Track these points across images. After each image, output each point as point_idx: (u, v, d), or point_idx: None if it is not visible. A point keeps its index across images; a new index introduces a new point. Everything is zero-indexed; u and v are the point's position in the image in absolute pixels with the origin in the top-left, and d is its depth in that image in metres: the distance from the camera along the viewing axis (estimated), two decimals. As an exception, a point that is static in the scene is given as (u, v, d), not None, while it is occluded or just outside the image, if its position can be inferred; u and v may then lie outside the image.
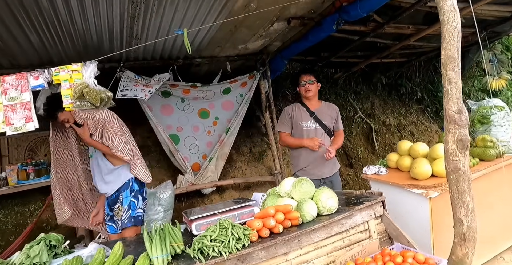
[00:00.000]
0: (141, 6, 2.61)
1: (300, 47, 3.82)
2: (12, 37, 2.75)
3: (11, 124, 1.71)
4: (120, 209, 2.60)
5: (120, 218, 2.60)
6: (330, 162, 3.08)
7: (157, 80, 3.52)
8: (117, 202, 2.64)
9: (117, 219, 2.63)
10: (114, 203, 2.67)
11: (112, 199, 2.69)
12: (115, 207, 2.65)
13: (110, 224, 2.71)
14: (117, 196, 2.66)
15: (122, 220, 2.59)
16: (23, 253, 1.74)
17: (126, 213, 2.60)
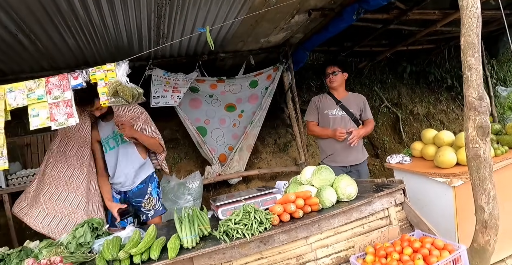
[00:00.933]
0: (166, 7, 2.75)
1: (321, 39, 3.85)
2: (51, 41, 3.00)
3: (55, 120, 1.92)
4: (151, 200, 2.77)
5: (153, 207, 2.79)
6: (356, 150, 3.15)
7: (185, 81, 3.68)
8: (146, 194, 2.76)
9: (149, 209, 2.79)
10: (137, 196, 2.76)
11: (134, 192, 2.77)
12: (143, 199, 2.75)
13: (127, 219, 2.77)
14: (142, 188, 2.77)
15: (156, 208, 2.79)
16: (70, 234, 1.97)
17: (158, 202, 2.81)
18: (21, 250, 2.02)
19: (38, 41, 2.95)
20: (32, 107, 1.95)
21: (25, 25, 2.59)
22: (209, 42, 2.21)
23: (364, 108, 3.29)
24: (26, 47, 3.01)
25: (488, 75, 5.98)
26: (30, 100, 1.95)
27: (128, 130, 2.57)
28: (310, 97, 5.28)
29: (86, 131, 2.73)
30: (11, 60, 3.26)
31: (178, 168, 4.30)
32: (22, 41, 2.87)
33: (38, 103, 1.95)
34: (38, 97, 1.95)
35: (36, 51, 3.14)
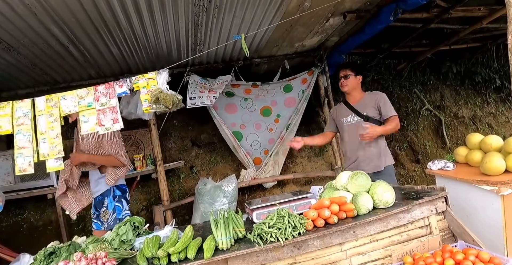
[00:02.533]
0: (203, 16, 2.86)
1: (357, 41, 3.78)
2: (98, 51, 3.22)
3: (103, 125, 2.07)
4: (106, 213, 2.90)
5: (106, 221, 2.89)
6: (374, 157, 2.91)
7: (220, 83, 3.78)
8: (102, 206, 2.91)
9: (104, 221, 2.91)
10: (100, 205, 2.92)
11: (98, 201, 2.95)
12: (101, 210, 2.91)
13: (96, 221, 2.97)
14: (100, 200, 2.92)
15: (108, 222, 2.88)
16: (114, 231, 2.09)
17: (111, 216, 2.90)
18: (70, 244, 2.17)
19: (87, 52, 3.19)
20: (83, 113, 2.12)
21: (75, 37, 2.82)
22: (244, 49, 2.27)
23: (382, 107, 2.92)
24: (76, 57, 3.26)
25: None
26: (81, 107, 2.12)
27: (74, 159, 2.74)
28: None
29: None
30: (62, 70, 3.55)
31: (214, 171, 4.41)
32: (72, 52, 3.12)
33: (88, 110, 2.11)
34: (88, 104, 2.11)
35: (85, 61, 3.39)
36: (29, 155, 2.11)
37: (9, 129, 2.21)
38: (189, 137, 4.54)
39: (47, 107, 2.20)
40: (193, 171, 4.41)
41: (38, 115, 2.22)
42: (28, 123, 2.19)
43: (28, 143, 2.16)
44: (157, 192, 4.11)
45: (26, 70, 3.37)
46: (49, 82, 3.81)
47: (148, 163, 3.97)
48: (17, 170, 2.16)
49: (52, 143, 2.13)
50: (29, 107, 2.22)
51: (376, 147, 2.93)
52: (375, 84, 5.40)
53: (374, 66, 5.36)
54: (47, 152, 2.15)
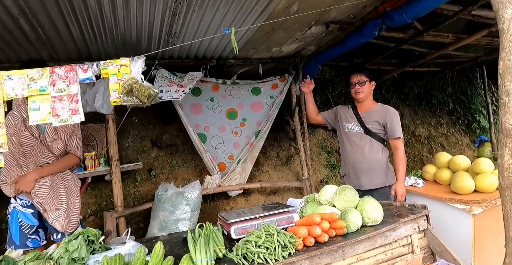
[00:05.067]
0: (184, 4, 2.60)
1: (336, 52, 3.74)
2: (54, 30, 2.77)
3: (58, 116, 1.71)
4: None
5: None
6: (372, 172, 2.77)
7: (190, 79, 3.51)
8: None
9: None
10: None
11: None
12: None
13: (33, 237, 2.47)
14: None
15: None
16: (62, 246, 1.72)
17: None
18: (2, 260, 1.76)
19: (40, 29, 2.73)
20: (33, 99, 1.73)
21: (28, 9, 2.38)
22: (233, 45, 2.05)
23: (390, 125, 2.74)
24: (27, 33, 2.78)
25: (489, 102, 6.02)
26: (31, 91, 1.73)
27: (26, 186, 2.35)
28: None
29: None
30: (8, 47, 3.02)
31: (175, 175, 4.06)
32: (22, 26, 2.64)
33: (40, 95, 1.73)
34: (41, 88, 1.74)
35: (37, 39, 2.92)
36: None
37: None
38: (149, 137, 4.15)
39: (-15, 88, 1.78)
40: (151, 174, 4.02)
41: (-28, 97, 1.78)
42: (-40, 106, 1.74)
43: (-43, 131, 1.71)
44: (109, 196, 3.65)
45: (-41, 42, 2.82)
46: (-13, 59, 3.24)
47: (101, 163, 3.51)
48: None
49: (-11, 133, 1.71)
50: (-39, 86, 1.77)
51: (378, 162, 2.79)
52: (342, 98, 5.46)
53: (343, 80, 5.42)
54: (-20, 144, 1.72)
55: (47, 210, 2.40)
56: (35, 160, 2.39)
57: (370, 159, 2.78)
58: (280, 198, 4.35)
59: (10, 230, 2.45)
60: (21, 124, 2.37)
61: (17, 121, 2.39)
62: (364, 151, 2.80)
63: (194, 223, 3.19)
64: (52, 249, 1.82)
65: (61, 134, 2.46)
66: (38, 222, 2.46)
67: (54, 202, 2.41)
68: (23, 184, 2.31)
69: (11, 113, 2.42)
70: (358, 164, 2.82)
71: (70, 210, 2.48)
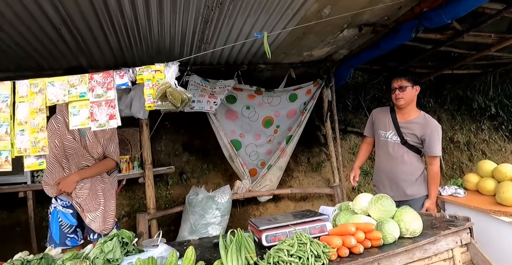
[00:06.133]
0: (216, 11, 2.63)
1: (370, 56, 3.64)
2: (93, 38, 2.91)
3: (96, 121, 1.76)
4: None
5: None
6: (407, 183, 2.64)
7: (222, 87, 3.53)
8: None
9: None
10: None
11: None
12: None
13: (72, 236, 2.57)
14: None
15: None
16: (97, 247, 1.77)
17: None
18: (42, 257, 1.84)
19: (80, 38, 2.87)
20: (73, 104, 1.80)
21: (69, 19, 2.51)
22: (266, 49, 2.04)
23: (430, 140, 2.56)
24: (68, 42, 2.93)
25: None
26: (72, 97, 1.81)
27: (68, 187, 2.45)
28: (345, 117, 5.06)
29: None
30: (50, 55, 3.20)
31: (205, 179, 4.10)
32: (64, 36, 2.79)
33: (79, 101, 1.80)
34: (80, 94, 1.81)
35: (77, 47, 3.07)
36: (7, 148, 1.77)
37: (-19, 116, 1.87)
38: (181, 141, 4.23)
39: (30, 94, 1.87)
40: (182, 178, 4.09)
41: (18, 102, 1.88)
42: (7, 111, 1.84)
43: (5, 135, 1.81)
44: (142, 198, 3.76)
45: (8, 50, 2.99)
46: (33, 67, 3.44)
47: (135, 166, 3.62)
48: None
49: (34, 137, 1.80)
50: (8, 92, 1.88)
51: (414, 174, 2.66)
52: (374, 102, 5.30)
53: (375, 84, 5.26)
54: (25, 147, 1.81)
55: (85, 210, 2.50)
56: (77, 163, 2.49)
57: (406, 170, 2.65)
58: (310, 205, 4.26)
59: (50, 229, 2.56)
60: (64, 128, 2.48)
61: (60, 125, 2.50)
62: (399, 161, 2.66)
63: (223, 227, 3.20)
64: (88, 249, 1.88)
65: (100, 139, 2.56)
66: (76, 222, 2.56)
67: (92, 203, 2.49)
68: (65, 185, 2.41)
69: (54, 117, 2.54)
70: (392, 174, 2.69)
71: (106, 212, 2.56)
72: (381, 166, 2.78)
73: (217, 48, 3.18)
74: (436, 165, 2.64)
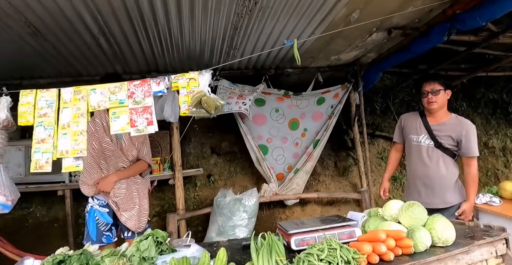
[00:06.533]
0: (245, 18, 2.69)
1: (399, 59, 3.58)
2: (128, 46, 3.05)
3: (135, 126, 1.87)
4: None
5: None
6: (442, 190, 2.57)
7: (251, 90, 3.59)
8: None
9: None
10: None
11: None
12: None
13: (107, 234, 2.70)
14: None
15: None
16: (134, 245, 1.86)
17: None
18: (82, 253, 1.95)
19: (117, 45, 3.01)
20: (113, 110, 1.92)
21: (107, 28, 2.64)
22: (295, 56, 2.07)
23: (466, 141, 2.50)
24: (105, 50, 3.09)
25: None
26: (112, 103, 1.92)
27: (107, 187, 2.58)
28: (373, 121, 4.98)
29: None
30: (88, 62, 3.38)
31: (232, 182, 4.18)
32: (102, 44, 2.95)
33: (119, 107, 1.91)
34: (120, 101, 1.92)
35: (113, 55, 3.23)
36: (49, 151, 1.91)
37: (30, 121, 2.01)
38: (209, 144, 4.34)
39: (74, 100, 2.00)
40: (210, 180, 4.19)
41: (62, 108, 2.02)
42: (52, 116, 1.98)
43: (48, 137, 1.95)
44: (171, 199, 3.88)
45: (50, 59, 3.20)
46: (72, 74, 3.64)
47: (165, 167, 3.75)
48: (33, 166, 1.94)
49: (75, 140, 1.92)
50: (54, 98, 2.02)
51: (449, 179, 2.58)
52: (403, 106, 5.18)
53: (405, 87, 5.15)
54: (66, 149, 1.94)
55: (121, 209, 2.62)
56: (114, 164, 2.63)
57: (440, 176, 2.58)
58: (337, 210, 4.24)
59: (87, 226, 2.70)
60: (102, 131, 2.63)
61: (99, 128, 2.65)
62: (434, 166, 2.59)
63: (250, 230, 3.25)
64: (124, 247, 1.97)
65: (134, 142, 2.68)
66: (112, 220, 2.69)
67: (128, 202, 2.62)
68: (104, 185, 2.55)
69: (92, 121, 2.67)
70: (427, 180, 2.62)
71: (141, 211, 2.68)
72: (415, 172, 2.70)
73: (249, 56, 3.22)
74: (474, 166, 2.58)
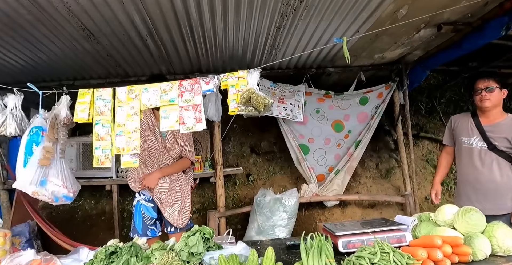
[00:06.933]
0: (290, 17, 2.67)
1: (450, 56, 3.40)
2: (174, 47, 3.15)
3: (184, 124, 1.93)
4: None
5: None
6: (497, 195, 2.41)
7: (291, 92, 3.57)
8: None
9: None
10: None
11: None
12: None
13: (152, 228, 2.78)
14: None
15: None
16: (182, 240, 1.92)
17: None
18: (132, 246, 2.04)
19: (163, 47, 3.12)
20: (164, 108, 1.99)
21: (155, 30, 2.74)
22: (345, 54, 2.03)
23: None
24: (152, 51, 3.21)
25: None
26: (163, 102, 2.00)
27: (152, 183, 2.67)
28: (418, 121, 4.78)
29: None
30: (136, 63, 3.53)
31: (271, 181, 4.19)
32: (149, 46, 3.06)
33: (169, 105, 1.98)
34: (170, 99, 1.98)
35: (159, 56, 3.34)
36: (107, 147, 2.02)
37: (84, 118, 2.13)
38: (249, 143, 4.37)
39: (128, 99, 2.11)
40: (249, 179, 4.23)
41: (117, 106, 2.13)
42: (108, 114, 2.10)
43: (106, 135, 2.07)
44: (211, 197, 3.97)
45: (101, 60, 3.38)
46: (120, 74, 3.82)
47: (206, 166, 3.84)
48: (95, 162, 2.08)
49: (129, 137, 2.02)
50: (110, 97, 2.14)
51: (505, 184, 2.42)
52: (451, 106, 4.92)
53: (452, 86, 4.88)
54: (122, 146, 2.04)
55: (164, 205, 2.72)
56: (158, 161, 2.73)
57: (493, 180, 2.42)
58: (378, 213, 4.11)
59: (134, 220, 2.83)
60: (147, 129, 2.74)
61: (144, 127, 2.76)
62: (488, 170, 2.44)
63: (290, 230, 3.23)
64: (172, 242, 2.04)
65: (178, 140, 2.77)
66: (156, 215, 2.80)
67: (171, 198, 2.71)
68: (149, 181, 2.65)
69: None
70: (477, 184, 2.47)
71: (183, 208, 2.76)
72: (467, 176, 2.56)
73: (293, 56, 3.21)
74: None
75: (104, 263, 1.90)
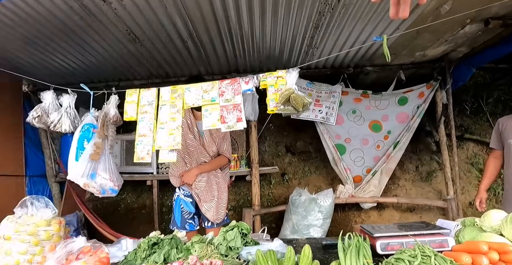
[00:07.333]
0: (327, 16, 2.66)
1: (499, 53, 3.22)
2: (213, 49, 3.24)
3: (225, 123, 1.99)
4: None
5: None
6: None
7: (328, 93, 3.54)
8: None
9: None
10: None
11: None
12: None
13: (190, 221, 2.89)
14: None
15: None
16: (220, 235, 1.99)
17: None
18: (172, 238, 2.14)
19: (202, 48, 3.22)
20: (205, 108, 2.07)
21: (195, 32, 2.84)
22: (385, 53, 2.00)
23: None
24: (192, 53, 3.32)
25: None
26: (204, 101, 2.07)
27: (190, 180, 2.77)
28: (462, 122, 4.54)
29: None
30: (176, 65, 3.67)
31: (306, 181, 4.18)
32: (189, 47, 3.18)
33: (211, 104, 2.05)
34: (212, 99, 2.06)
35: (198, 57, 3.45)
36: (149, 143, 2.13)
37: (134, 116, 2.28)
38: (284, 143, 4.39)
39: (171, 98, 2.21)
40: (284, 178, 4.25)
41: (161, 105, 2.24)
42: (152, 112, 2.22)
43: (149, 132, 2.18)
44: (246, 195, 4.03)
45: (144, 62, 3.55)
46: (161, 75, 3.98)
47: (242, 164, 3.91)
48: (136, 157, 2.20)
49: (171, 134, 2.12)
50: (154, 96, 2.25)
51: None
52: (499, 106, 4.63)
53: (501, 84, 4.59)
54: (163, 143, 2.15)
55: (201, 200, 2.82)
56: (196, 158, 2.83)
57: None
58: (418, 217, 3.95)
59: (174, 213, 2.96)
60: (186, 128, 2.85)
61: (184, 126, 2.87)
62: None
63: (325, 230, 3.21)
64: (211, 236, 2.12)
65: (215, 138, 2.85)
66: (194, 210, 2.91)
67: (208, 194, 2.80)
68: (187, 177, 2.76)
69: None
70: None
71: (219, 204, 2.84)
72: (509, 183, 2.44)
73: (330, 55, 3.19)
74: None
75: (147, 253, 2.01)
